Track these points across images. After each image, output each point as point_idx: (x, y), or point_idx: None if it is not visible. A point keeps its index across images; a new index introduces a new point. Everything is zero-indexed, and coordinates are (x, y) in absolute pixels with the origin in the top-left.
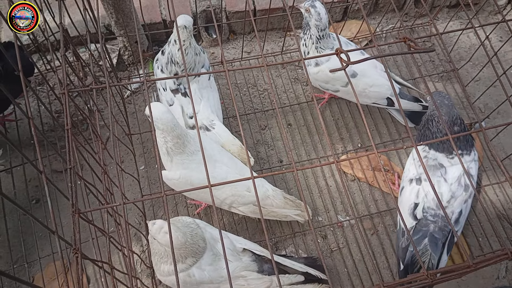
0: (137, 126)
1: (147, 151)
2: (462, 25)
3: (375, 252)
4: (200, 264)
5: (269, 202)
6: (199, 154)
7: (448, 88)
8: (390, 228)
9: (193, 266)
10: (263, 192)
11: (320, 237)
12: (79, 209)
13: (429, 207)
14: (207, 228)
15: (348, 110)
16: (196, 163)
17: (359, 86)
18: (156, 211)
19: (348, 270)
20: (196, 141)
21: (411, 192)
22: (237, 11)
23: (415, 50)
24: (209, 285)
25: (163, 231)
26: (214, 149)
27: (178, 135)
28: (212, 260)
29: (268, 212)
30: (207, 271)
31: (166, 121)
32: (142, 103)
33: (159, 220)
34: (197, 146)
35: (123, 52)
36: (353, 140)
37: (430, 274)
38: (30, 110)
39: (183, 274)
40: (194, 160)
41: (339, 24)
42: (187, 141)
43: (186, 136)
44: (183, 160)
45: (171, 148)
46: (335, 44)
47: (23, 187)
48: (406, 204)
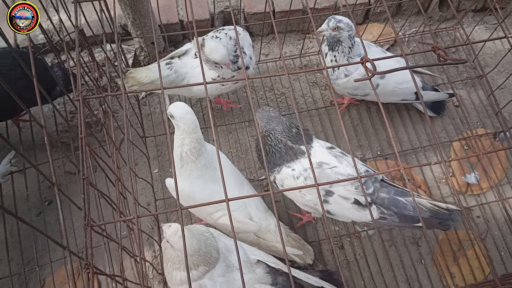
0: (151, 128)
1: (161, 154)
2: (487, 29)
3: (393, 264)
4: (212, 275)
5: (269, 236)
6: (208, 171)
7: (472, 95)
8: (409, 240)
9: (205, 276)
10: (266, 225)
11: (337, 247)
12: (92, 220)
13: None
14: (221, 238)
15: (368, 117)
16: (202, 180)
17: (390, 86)
18: (169, 216)
19: (365, 282)
20: (211, 156)
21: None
22: (255, 13)
23: (446, 61)
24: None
25: (178, 235)
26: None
27: (197, 139)
28: (224, 271)
29: (268, 246)
30: (219, 282)
31: (188, 121)
32: (157, 105)
33: (174, 224)
34: (209, 161)
35: (139, 52)
36: (372, 147)
37: None
38: (43, 118)
39: (195, 284)
40: (202, 176)
41: (361, 27)
42: (202, 151)
43: (203, 145)
44: (192, 171)
45: (186, 153)
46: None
47: (36, 187)
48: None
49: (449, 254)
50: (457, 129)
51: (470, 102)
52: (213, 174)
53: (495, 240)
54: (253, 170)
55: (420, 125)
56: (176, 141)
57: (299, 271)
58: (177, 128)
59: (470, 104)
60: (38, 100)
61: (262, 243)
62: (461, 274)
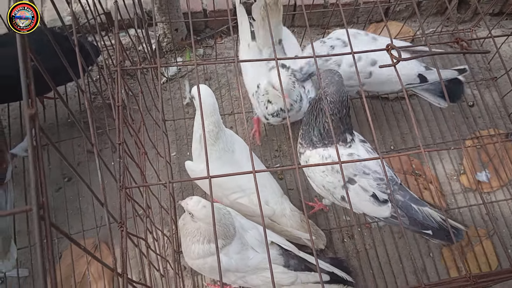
0: (171, 113)
1: (179, 138)
2: (503, 33)
3: (402, 255)
4: (228, 251)
5: (284, 221)
6: (226, 154)
7: (486, 96)
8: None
9: (221, 252)
10: (281, 210)
11: (347, 236)
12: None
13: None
14: (237, 217)
15: (383, 111)
16: (221, 162)
17: (384, 74)
18: (185, 197)
19: (373, 271)
20: (229, 140)
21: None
22: None
23: (469, 51)
24: (235, 273)
25: (201, 204)
26: (243, 156)
27: (215, 122)
28: (240, 248)
29: (282, 230)
30: (234, 259)
31: (208, 104)
32: (177, 91)
33: (195, 196)
34: (228, 145)
35: (162, 39)
36: (385, 142)
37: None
38: (84, 84)
39: (211, 258)
40: (220, 158)
41: (379, 25)
42: (220, 135)
43: (221, 129)
44: (211, 154)
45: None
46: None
47: (58, 164)
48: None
49: (457, 249)
50: (470, 128)
51: (484, 103)
52: (231, 157)
53: (503, 237)
54: (268, 158)
55: (433, 122)
56: (195, 123)
57: (310, 256)
58: (197, 110)
59: (484, 104)
60: (80, 69)
61: (276, 227)
62: (468, 268)
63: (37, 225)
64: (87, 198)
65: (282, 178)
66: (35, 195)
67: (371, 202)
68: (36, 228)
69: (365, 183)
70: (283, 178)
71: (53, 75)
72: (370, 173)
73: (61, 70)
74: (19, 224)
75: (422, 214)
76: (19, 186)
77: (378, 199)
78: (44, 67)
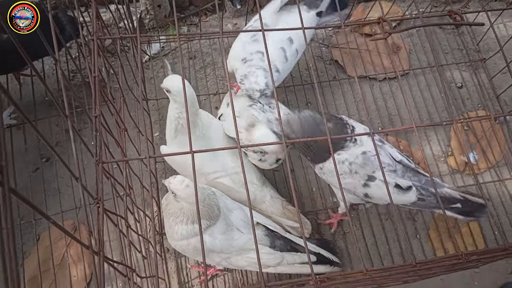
0: (153, 92)
1: (162, 118)
2: (492, 15)
3: (389, 237)
4: (212, 231)
5: (264, 207)
6: (202, 140)
7: (475, 78)
8: (405, 215)
9: (206, 232)
10: (261, 196)
11: None
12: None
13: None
14: (222, 197)
15: (371, 92)
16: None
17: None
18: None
19: (360, 253)
20: (205, 126)
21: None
22: None
23: (462, 22)
24: (220, 254)
25: (184, 183)
26: (219, 142)
27: (194, 111)
28: (224, 229)
29: (264, 216)
30: (219, 240)
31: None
32: (160, 70)
33: (179, 175)
34: (204, 131)
35: (144, 15)
36: (373, 123)
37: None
38: (58, 55)
39: (195, 239)
40: (197, 145)
41: (368, 4)
42: (197, 122)
43: (198, 116)
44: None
45: (182, 125)
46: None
47: (35, 144)
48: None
49: (444, 231)
50: (458, 109)
51: (473, 84)
52: (207, 143)
53: (490, 219)
54: None
55: (422, 103)
56: (171, 113)
57: (297, 237)
58: (173, 101)
59: (472, 86)
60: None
61: (257, 212)
62: (455, 250)
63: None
64: (66, 179)
65: (278, 171)
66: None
67: (395, 193)
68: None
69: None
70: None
71: (27, 48)
72: (385, 166)
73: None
74: None
75: (440, 194)
76: None
77: (402, 188)
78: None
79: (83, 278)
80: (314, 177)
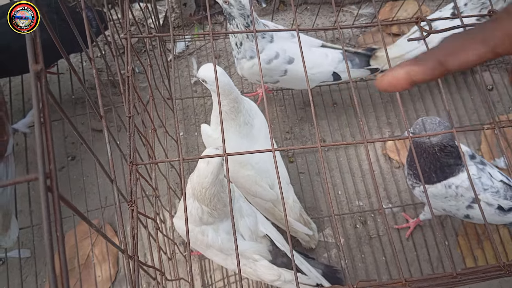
0: (178, 91)
1: (186, 118)
2: None
3: (416, 243)
4: (217, 227)
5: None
6: (245, 128)
7: (506, 80)
8: (434, 220)
9: (211, 226)
10: (284, 197)
11: (360, 222)
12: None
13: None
14: (240, 199)
15: (399, 93)
16: (239, 136)
17: (299, 72)
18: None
19: (386, 258)
20: (249, 113)
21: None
22: None
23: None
24: (217, 253)
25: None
26: (261, 133)
27: (235, 98)
28: (230, 230)
29: (282, 217)
30: (221, 238)
31: (222, 84)
32: (185, 69)
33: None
34: (247, 119)
35: (170, 14)
36: (401, 125)
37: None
38: (92, 51)
39: (198, 230)
40: (240, 132)
41: (396, 4)
42: (240, 108)
43: (241, 102)
44: (230, 127)
45: (226, 113)
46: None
47: (61, 142)
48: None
49: (473, 237)
50: (489, 112)
51: (503, 86)
52: (249, 131)
53: None
54: (279, 140)
55: (451, 106)
56: (214, 103)
57: (303, 259)
58: (212, 91)
59: (503, 88)
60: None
61: (276, 213)
62: (484, 258)
63: (43, 197)
64: (91, 178)
65: (293, 161)
66: (41, 162)
67: (497, 214)
68: (43, 200)
69: (489, 198)
70: (294, 161)
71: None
72: (488, 188)
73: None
74: (21, 204)
75: None
76: (21, 164)
77: (504, 209)
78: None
79: (108, 279)
80: (341, 180)
